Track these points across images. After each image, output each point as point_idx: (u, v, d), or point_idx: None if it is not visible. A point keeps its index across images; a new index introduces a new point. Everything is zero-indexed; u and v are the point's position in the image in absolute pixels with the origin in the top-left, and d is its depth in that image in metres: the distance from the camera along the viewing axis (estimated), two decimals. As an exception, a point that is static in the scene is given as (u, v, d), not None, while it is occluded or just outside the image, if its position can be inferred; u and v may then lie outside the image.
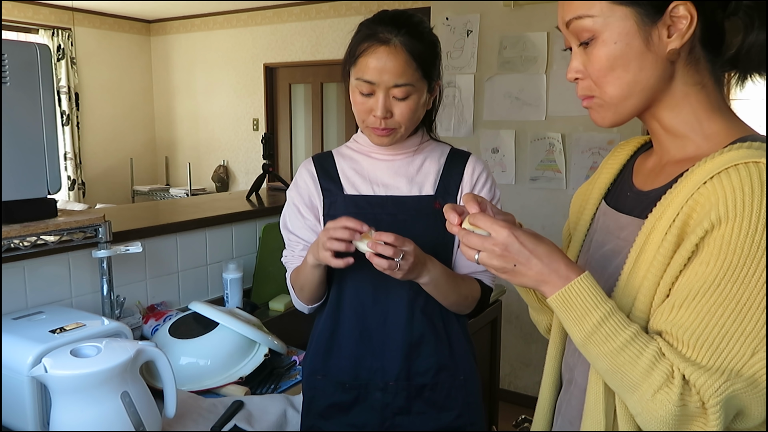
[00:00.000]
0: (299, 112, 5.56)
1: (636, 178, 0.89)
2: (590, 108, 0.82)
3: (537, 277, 0.74)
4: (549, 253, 0.74)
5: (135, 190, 5.98)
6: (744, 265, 0.65)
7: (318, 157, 1.35)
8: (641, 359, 0.69)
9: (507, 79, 3.11)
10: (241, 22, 5.66)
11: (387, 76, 1.15)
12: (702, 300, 0.67)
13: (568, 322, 0.74)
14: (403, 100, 1.18)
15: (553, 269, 0.73)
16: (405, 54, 1.15)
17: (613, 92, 0.77)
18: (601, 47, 0.76)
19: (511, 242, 0.73)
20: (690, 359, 0.68)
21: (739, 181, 0.66)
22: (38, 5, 5.32)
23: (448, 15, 3.23)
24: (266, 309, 2.07)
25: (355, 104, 1.21)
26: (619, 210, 0.87)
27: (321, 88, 5.34)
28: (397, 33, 1.15)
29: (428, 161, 1.29)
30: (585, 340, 0.73)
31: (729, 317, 0.66)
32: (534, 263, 0.74)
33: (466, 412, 1.28)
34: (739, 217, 0.65)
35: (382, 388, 1.25)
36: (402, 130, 1.21)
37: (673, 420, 0.67)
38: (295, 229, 1.32)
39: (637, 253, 0.76)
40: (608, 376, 0.73)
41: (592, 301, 0.72)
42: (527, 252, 0.73)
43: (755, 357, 0.65)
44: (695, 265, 0.69)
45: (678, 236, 0.71)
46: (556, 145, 3.02)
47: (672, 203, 0.73)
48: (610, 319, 0.71)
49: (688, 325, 0.68)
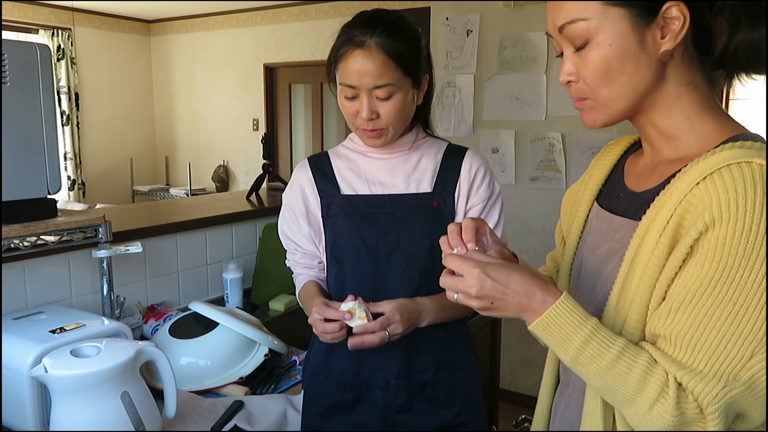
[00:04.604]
0: (299, 112, 5.56)
1: (628, 179, 0.88)
2: (582, 109, 0.81)
3: (516, 308, 0.74)
4: (523, 282, 0.73)
5: (135, 190, 5.98)
6: (740, 267, 0.64)
7: (314, 158, 1.34)
8: (632, 374, 0.68)
9: (507, 79, 3.11)
10: (241, 22, 5.66)
11: (366, 78, 1.15)
12: (698, 303, 0.66)
13: (554, 347, 0.73)
14: (387, 100, 1.17)
15: (530, 297, 0.73)
16: (381, 55, 1.14)
17: (608, 94, 0.77)
18: (595, 50, 0.75)
19: (482, 282, 0.72)
20: (686, 364, 0.67)
21: (732, 182, 0.66)
22: (38, 5, 5.32)
23: (448, 15, 3.23)
24: (266, 309, 2.07)
25: (343, 108, 1.22)
26: (612, 211, 0.86)
27: (321, 88, 5.34)
28: (372, 34, 1.14)
29: (425, 158, 1.28)
30: (573, 362, 0.72)
31: (726, 320, 0.65)
32: (510, 296, 0.73)
33: (466, 408, 1.29)
34: (733, 218, 0.64)
35: (383, 387, 1.26)
36: (391, 130, 1.21)
37: (672, 429, 0.66)
38: (293, 235, 1.33)
39: (633, 256, 0.75)
40: (602, 393, 0.73)
41: (574, 323, 0.71)
42: (501, 287, 0.72)
43: (753, 359, 0.65)
44: (690, 267, 0.68)
45: (672, 238, 0.70)
46: (556, 145, 3.02)
47: (665, 204, 0.72)
48: (595, 337, 0.70)
49: (686, 330, 0.67)
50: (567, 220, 1.00)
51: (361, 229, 1.24)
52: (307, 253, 1.33)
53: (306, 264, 1.34)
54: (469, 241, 0.80)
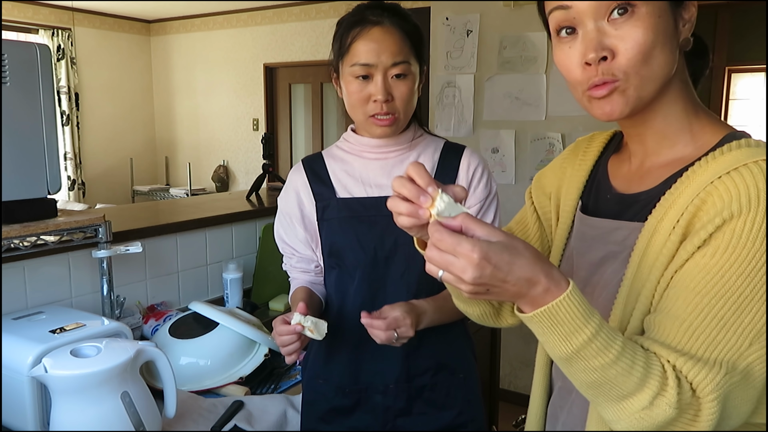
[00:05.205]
0: (299, 112, 5.56)
1: (614, 181, 0.86)
2: (605, 96, 0.72)
3: (513, 295, 0.65)
4: (528, 268, 0.63)
5: (135, 190, 5.98)
6: (753, 258, 0.64)
7: (308, 160, 1.33)
8: (635, 369, 0.65)
9: (507, 79, 3.11)
10: (241, 22, 5.66)
11: (384, 55, 1.15)
12: (702, 290, 0.66)
13: (551, 338, 0.65)
14: (402, 79, 1.17)
15: (532, 284, 0.63)
16: (398, 32, 1.16)
17: (646, 73, 0.70)
18: (642, 20, 0.69)
19: (482, 270, 0.61)
20: (684, 350, 0.66)
21: (752, 178, 0.66)
22: (38, 5, 5.32)
23: (448, 15, 3.23)
24: (266, 309, 2.07)
25: (351, 94, 1.19)
26: (599, 214, 0.84)
27: (321, 88, 5.34)
28: (386, 15, 1.16)
29: (422, 158, 1.27)
30: (572, 356, 0.66)
31: (729, 309, 0.65)
32: (510, 285, 0.63)
33: (466, 409, 1.28)
34: (753, 211, 0.64)
35: (383, 391, 1.25)
36: (402, 116, 1.20)
37: (670, 421, 0.66)
38: (289, 240, 1.32)
39: (640, 257, 0.74)
40: (596, 387, 0.68)
41: (583, 317, 0.63)
42: (502, 274, 0.62)
43: (750, 348, 0.65)
44: (698, 258, 0.68)
45: (682, 236, 0.70)
46: (556, 145, 3.02)
47: (675, 204, 0.72)
48: (601, 332, 0.64)
49: (686, 315, 0.67)
50: (545, 217, 0.96)
51: (358, 233, 1.22)
52: (304, 258, 1.32)
53: (302, 268, 1.33)
54: (429, 185, 0.67)
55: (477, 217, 0.66)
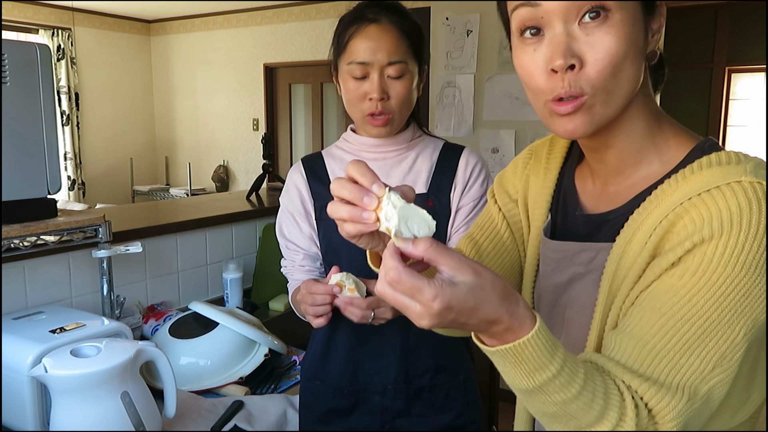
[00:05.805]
0: (299, 112, 5.56)
1: (582, 196, 0.81)
2: (569, 113, 0.66)
3: (476, 331, 0.61)
4: (493, 311, 0.58)
5: (135, 190, 5.99)
6: (723, 283, 0.61)
7: (307, 159, 1.33)
8: (595, 402, 0.61)
9: (507, 79, 3.11)
10: (241, 22, 5.66)
11: (381, 54, 1.14)
12: (668, 312, 0.63)
13: (513, 372, 0.60)
14: (398, 79, 1.16)
15: (494, 323, 0.58)
16: (396, 30, 1.15)
17: (613, 88, 0.65)
18: (615, 27, 0.63)
19: (442, 318, 0.56)
20: (645, 374, 0.63)
21: (725, 202, 0.62)
22: (38, 5, 5.32)
23: (448, 15, 3.23)
24: (266, 309, 2.07)
25: (348, 92, 1.19)
26: (568, 234, 0.79)
27: (321, 88, 5.34)
28: (384, 13, 1.16)
29: (420, 158, 1.26)
30: (535, 391, 0.61)
31: (695, 333, 0.62)
32: (471, 326, 0.58)
33: (465, 411, 1.28)
34: (726, 236, 0.61)
35: (381, 392, 1.25)
36: (397, 117, 1.19)
37: None
38: (292, 237, 1.30)
39: (610, 281, 0.71)
40: (552, 418, 0.64)
41: (548, 353, 0.59)
42: (464, 318, 0.57)
43: (713, 372, 0.62)
44: (665, 278, 0.65)
45: (650, 257, 0.67)
46: (556, 145, 3.02)
47: (643, 225, 0.68)
48: (565, 368, 0.60)
49: (649, 338, 0.64)
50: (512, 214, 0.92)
51: None
52: (310, 255, 1.30)
53: (308, 267, 1.30)
54: (374, 183, 0.62)
55: (443, 243, 0.60)
